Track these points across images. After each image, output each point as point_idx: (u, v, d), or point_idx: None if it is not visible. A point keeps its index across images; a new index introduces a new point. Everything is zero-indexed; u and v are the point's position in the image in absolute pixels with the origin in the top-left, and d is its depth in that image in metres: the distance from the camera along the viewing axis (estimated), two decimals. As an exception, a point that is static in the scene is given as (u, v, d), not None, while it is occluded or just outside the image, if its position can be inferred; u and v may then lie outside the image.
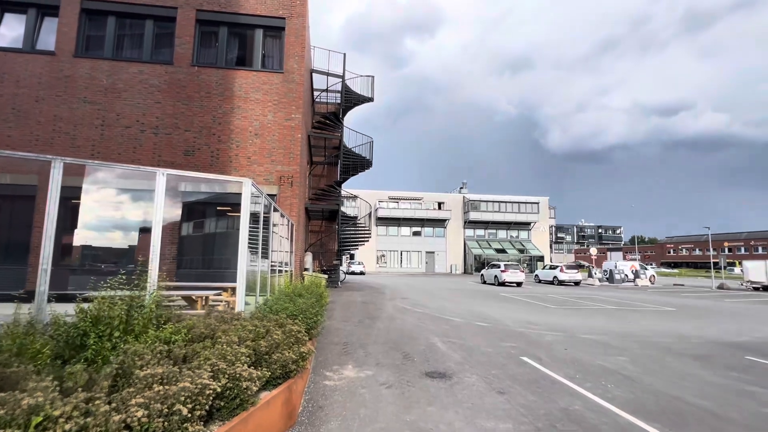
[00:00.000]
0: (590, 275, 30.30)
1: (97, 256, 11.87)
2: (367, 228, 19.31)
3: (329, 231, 21.64)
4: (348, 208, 44.74)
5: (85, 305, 3.39)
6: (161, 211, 5.13)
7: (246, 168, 12.57)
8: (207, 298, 7.89)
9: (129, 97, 12.29)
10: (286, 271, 11.66)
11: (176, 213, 12.18)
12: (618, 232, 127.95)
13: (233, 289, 9.34)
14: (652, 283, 30.06)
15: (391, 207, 50.62)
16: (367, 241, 19.60)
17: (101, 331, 3.20)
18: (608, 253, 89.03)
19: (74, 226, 12.28)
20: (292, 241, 12.48)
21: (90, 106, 12.09)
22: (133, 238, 11.51)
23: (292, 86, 13.10)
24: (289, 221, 11.72)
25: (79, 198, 10.93)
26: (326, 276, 14.26)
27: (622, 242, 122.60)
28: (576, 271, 26.97)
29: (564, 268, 27.03)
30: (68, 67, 12.15)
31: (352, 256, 47.86)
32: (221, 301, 8.68)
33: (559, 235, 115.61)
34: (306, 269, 14.93)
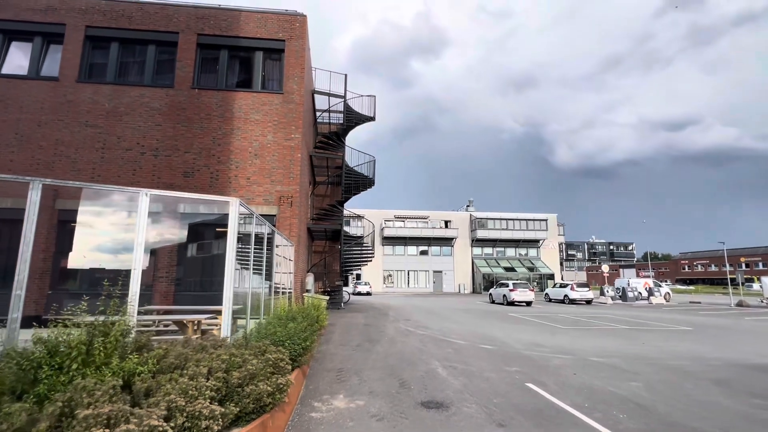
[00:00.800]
0: (602, 293, 29.45)
1: (98, 279, 11.72)
2: (371, 247, 19.04)
3: (333, 251, 21.38)
4: (353, 228, 44.58)
5: (45, 334, 3.15)
6: (143, 232, 4.94)
7: (245, 188, 12.48)
8: (199, 322, 7.62)
9: (130, 120, 12.37)
10: (285, 292, 11.38)
11: (175, 235, 12.06)
12: (630, 248, 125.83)
13: (229, 313, 9.09)
14: (667, 301, 29.10)
15: (397, 226, 50.34)
16: (371, 260, 19.29)
17: (58, 363, 2.95)
18: (621, 270, 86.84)
19: (74, 249, 12.21)
20: (292, 262, 12.23)
21: (91, 130, 12.18)
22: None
23: (292, 107, 13.10)
24: (288, 242, 11.50)
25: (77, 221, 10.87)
26: (327, 297, 13.92)
27: (635, 259, 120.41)
28: (587, 289, 26.23)
29: (575, 286, 26.31)
30: (71, 92, 12.31)
31: (358, 277, 47.39)
32: (216, 325, 8.41)
33: (569, 252, 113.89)
34: (307, 290, 14.63)
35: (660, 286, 30.54)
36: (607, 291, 29.58)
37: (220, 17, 13.29)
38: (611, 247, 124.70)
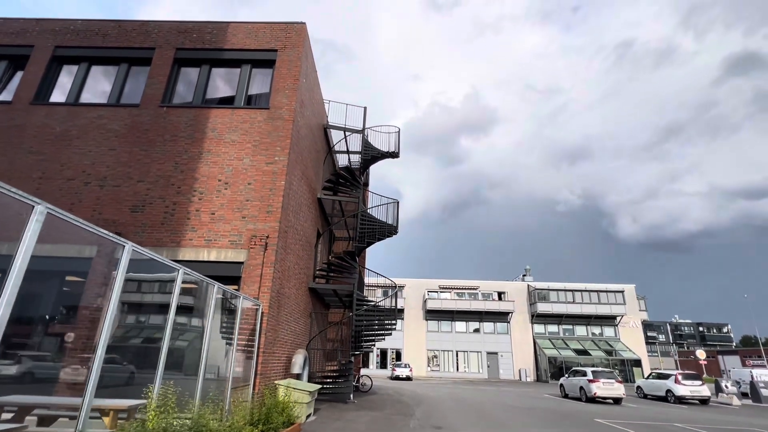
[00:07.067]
0: (719, 389, 21.79)
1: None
2: (392, 315, 14.69)
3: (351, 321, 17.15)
4: (398, 301, 39.73)
5: None
6: None
7: (208, 226, 9.23)
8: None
9: (81, 144, 9.98)
10: (243, 379, 7.38)
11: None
12: (725, 330, 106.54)
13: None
14: (822, 404, 20.73)
15: (443, 297, 44.72)
16: (390, 334, 14.80)
17: None
18: (720, 356, 71.87)
19: None
20: (255, 331, 8.35)
21: (33, 157, 9.86)
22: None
23: (279, 123, 10.18)
24: (251, 301, 7.75)
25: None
26: (318, 387, 9.63)
27: (734, 343, 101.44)
28: (700, 382, 19.17)
29: (680, 377, 19.41)
30: (22, 115, 10.31)
31: (398, 356, 41.57)
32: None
33: (649, 333, 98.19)
34: (296, 374, 10.42)
35: (801, 380, 22.23)
36: (726, 385, 21.85)
37: (205, 30, 11.27)
38: (701, 328, 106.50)
